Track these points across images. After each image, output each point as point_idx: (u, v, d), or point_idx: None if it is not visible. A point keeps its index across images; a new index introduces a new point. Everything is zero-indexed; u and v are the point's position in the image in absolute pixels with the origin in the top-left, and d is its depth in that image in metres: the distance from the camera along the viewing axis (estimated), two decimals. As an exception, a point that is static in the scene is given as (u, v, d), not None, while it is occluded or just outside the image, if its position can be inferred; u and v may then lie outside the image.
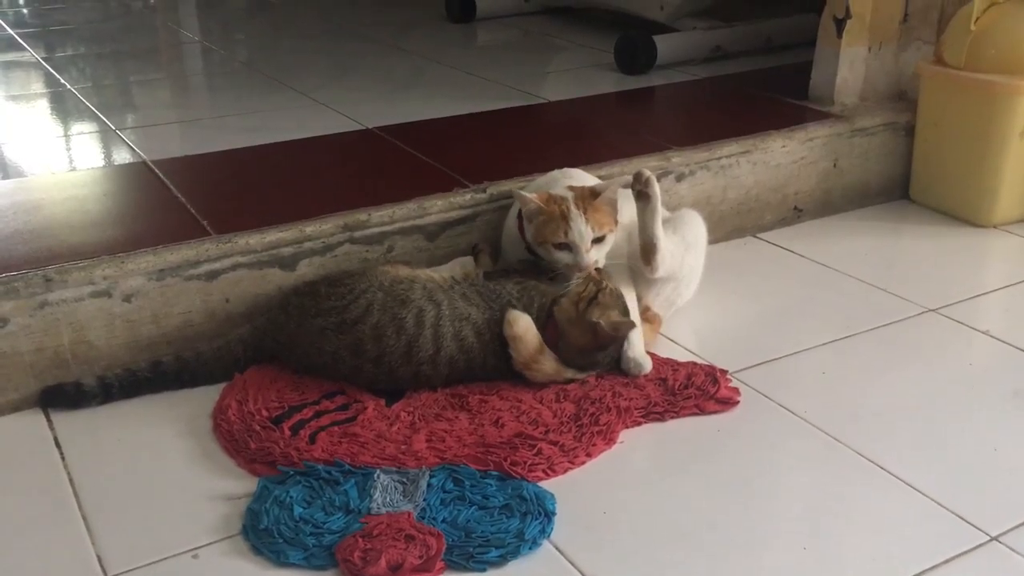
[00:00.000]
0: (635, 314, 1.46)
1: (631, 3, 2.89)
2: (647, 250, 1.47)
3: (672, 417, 1.36)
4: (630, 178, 1.50)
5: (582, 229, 1.43)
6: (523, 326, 1.38)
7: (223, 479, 1.23)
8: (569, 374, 1.40)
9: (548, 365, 1.39)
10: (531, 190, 1.62)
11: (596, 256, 1.45)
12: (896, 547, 1.11)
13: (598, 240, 1.44)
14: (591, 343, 1.38)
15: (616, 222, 1.47)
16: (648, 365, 1.42)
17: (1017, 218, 2.00)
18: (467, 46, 3.02)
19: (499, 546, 1.09)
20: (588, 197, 1.46)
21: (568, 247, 1.44)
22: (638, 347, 1.43)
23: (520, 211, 1.50)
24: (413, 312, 1.36)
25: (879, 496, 1.20)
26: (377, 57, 2.81)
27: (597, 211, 1.45)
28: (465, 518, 1.14)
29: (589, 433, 1.29)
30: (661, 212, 1.49)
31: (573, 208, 1.43)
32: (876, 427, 1.34)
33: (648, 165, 1.79)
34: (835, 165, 2.04)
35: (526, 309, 1.40)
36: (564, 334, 1.39)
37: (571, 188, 1.49)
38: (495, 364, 1.39)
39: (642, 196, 1.46)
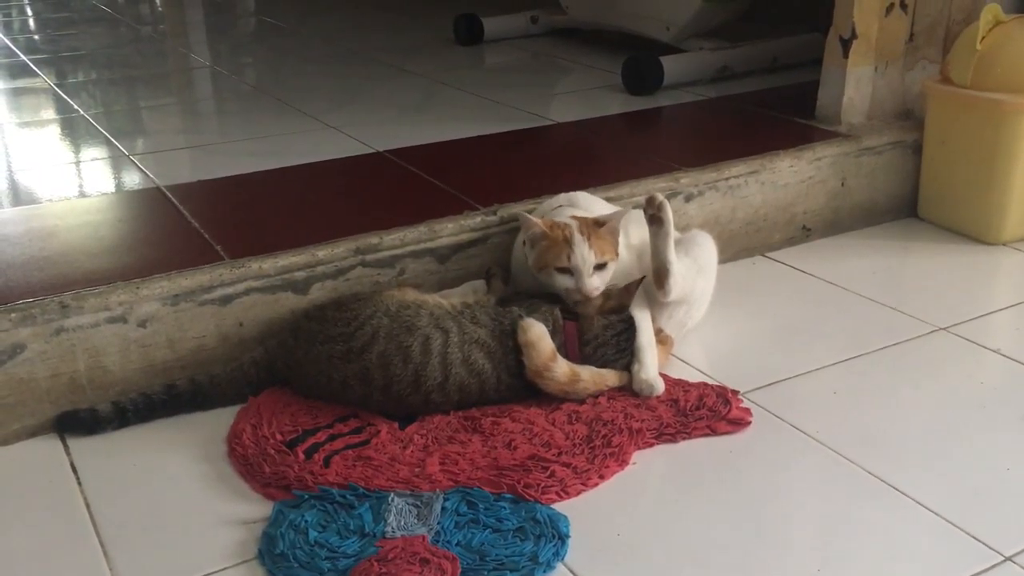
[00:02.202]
0: (649, 335, 1.47)
1: (638, 24, 2.91)
2: (660, 274, 1.48)
3: (684, 438, 1.36)
4: (641, 200, 1.51)
5: (585, 254, 1.44)
6: (536, 333, 1.39)
7: (238, 503, 1.24)
8: (582, 383, 1.40)
9: (561, 372, 1.39)
10: (537, 214, 1.63)
11: (597, 283, 1.46)
12: (909, 567, 1.11)
13: (600, 267, 1.46)
14: (614, 307, 1.47)
15: (617, 252, 1.49)
16: (660, 387, 1.43)
17: (1026, 235, 2.01)
18: (475, 68, 3.04)
19: (513, 569, 1.10)
20: (592, 225, 1.47)
21: (570, 272, 1.46)
22: (651, 368, 1.44)
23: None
24: (419, 340, 1.37)
25: (892, 516, 1.20)
26: (386, 80, 2.84)
27: (600, 239, 1.46)
28: (479, 541, 1.14)
29: (602, 455, 1.30)
30: (673, 235, 1.50)
31: (577, 234, 1.45)
32: (888, 447, 1.34)
33: (657, 186, 1.80)
34: (843, 184, 2.05)
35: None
36: (585, 317, 1.45)
37: (574, 217, 1.50)
38: (509, 383, 1.40)
39: (655, 220, 1.47)
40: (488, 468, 1.27)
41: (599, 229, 1.47)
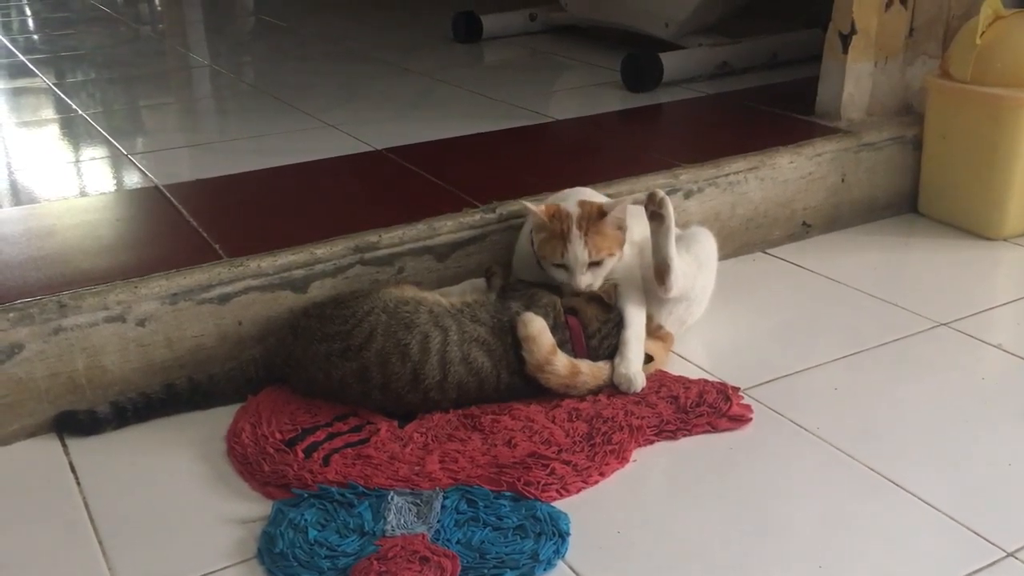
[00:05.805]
0: (637, 330, 1.46)
1: (636, 21, 2.90)
2: (661, 271, 1.48)
3: (684, 435, 1.36)
4: (642, 195, 1.50)
5: (578, 252, 1.44)
6: (537, 327, 1.38)
7: (237, 502, 1.24)
8: (582, 376, 1.40)
9: (561, 366, 1.39)
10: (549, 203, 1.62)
11: (591, 280, 1.46)
12: (911, 564, 1.11)
13: (595, 264, 1.46)
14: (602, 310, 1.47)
15: (621, 247, 1.48)
16: (639, 383, 1.41)
17: (1026, 230, 2.01)
18: (474, 66, 3.04)
19: (513, 567, 1.09)
20: (594, 217, 1.46)
21: (565, 267, 1.46)
22: (633, 364, 1.42)
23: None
24: (418, 338, 1.36)
25: (893, 513, 1.20)
26: (385, 78, 2.83)
27: (599, 234, 1.45)
28: (479, 539, 1.14)
29: (602, 452, 1.29)
30: (674, 231, 1.49)
31: (574, 229, 1.44)
32: (889, 443, 1.34)
33: (656, 182, 1.80)
34: (843, 180, 2.05)
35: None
36: (583, 312, 1.44)
37: (581, 203, 1.49)
38: (509, 381, 1.40)
39: (656, 217, 1.46)
40: (488, 466, 1.27)
41: (600, 223, 1.46)
